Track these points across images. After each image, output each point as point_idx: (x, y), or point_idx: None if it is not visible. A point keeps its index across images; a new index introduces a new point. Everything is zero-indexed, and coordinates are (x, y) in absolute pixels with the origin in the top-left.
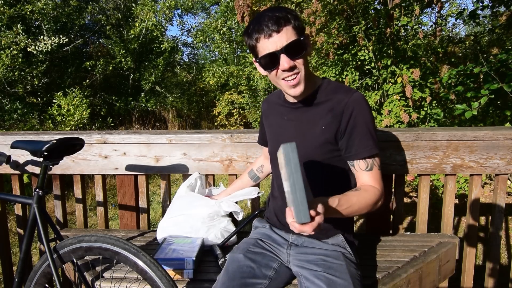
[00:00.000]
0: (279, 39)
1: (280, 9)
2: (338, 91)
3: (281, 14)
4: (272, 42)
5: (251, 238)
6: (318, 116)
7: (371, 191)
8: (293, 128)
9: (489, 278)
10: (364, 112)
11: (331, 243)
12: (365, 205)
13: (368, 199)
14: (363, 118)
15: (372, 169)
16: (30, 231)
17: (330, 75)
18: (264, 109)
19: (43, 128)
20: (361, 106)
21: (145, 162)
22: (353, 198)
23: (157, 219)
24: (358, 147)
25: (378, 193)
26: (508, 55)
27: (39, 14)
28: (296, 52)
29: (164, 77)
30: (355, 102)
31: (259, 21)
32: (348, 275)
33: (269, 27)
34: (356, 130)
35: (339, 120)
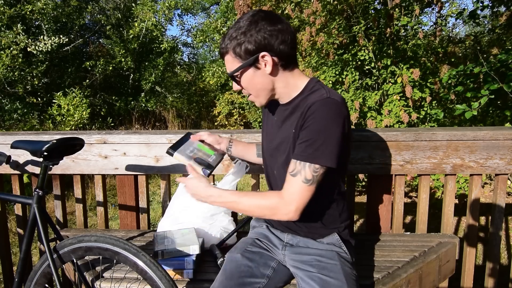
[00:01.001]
0: (225, 65)
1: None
2: (313, 94)
3: (223, 42)
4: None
5: (249, 238)
6: (293, 119)
7: (269, 198)
8: (277, 129)
9: (489, 278)
10: (322, 119)
11: (326, 242)
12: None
13: (259, 204)
14: (317, 125)
15: (295, 176)
16: (30, 231)
17: (330, 75)
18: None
19: (43, 128)
20: (322, 112)
21: (145, 162)
22: (243, 197)
23: (157, 219)
24: (297, 149)
25: (278, 202)
26: (508, 55)
27: (39, 14)
28: (236, 81)
29: (164, 77)
30: (318, 106)
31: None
32: (342, 275)
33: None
34: (304, 133)
35: (303, 120)
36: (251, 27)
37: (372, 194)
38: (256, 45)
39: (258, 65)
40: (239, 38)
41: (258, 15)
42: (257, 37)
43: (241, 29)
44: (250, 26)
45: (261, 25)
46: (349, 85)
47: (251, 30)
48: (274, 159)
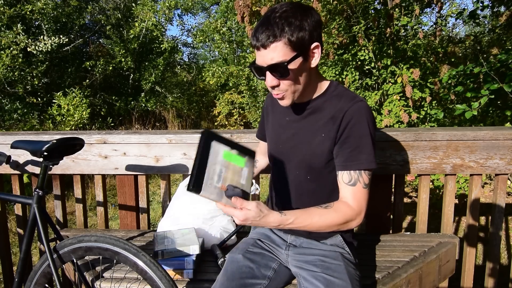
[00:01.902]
0: (265, 56)
1: (281, 16)
2: (342, 98)
3: (272, 29)
4: (260, 55)
5: (250, 238)
6: (319, 122)
7: (342, 211)
8: (293, 131)
9: (489, 278)
10: (362, 123)
11: (330, 243)
12: (329, 225)
13: (333, 220)
14: (359, 130)
15: (355, 185)
16: (30, 231)
17: (330, 75)
18: (267, 104)
19: (43, 128)
20: (360, 117)
21: (145, 162)
22: (315, 216)
23: (157, 219)
24: (346, 159)
25: (351, 213)
26: (508, 55)
27: (39, 14)
28: (280, 73)
29: (164, 77)
30: (355, 111)
31: (257, 27)
32: (346, 275)
33: (258, 40)
34: (349, 141)
35: (337, 128)
36: (304, 15)
37: (372, 194)
38: (310, 35)
39: (308, 57)
40: (294, 24)
41: (302, 4)
42: (311, 26)
43: (294, 16)
44: (302, 14)
45: (311, 13)
46: (349, 85)
47: (305, 18)
48: (286, 159)
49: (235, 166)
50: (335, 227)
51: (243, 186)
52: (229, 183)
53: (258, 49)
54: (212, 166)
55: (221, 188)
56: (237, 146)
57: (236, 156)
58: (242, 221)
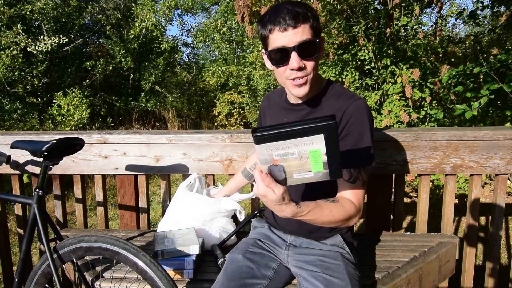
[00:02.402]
0: (294, 35)
1: (301, 4)
2: (341, 96)
3: (301, 10)
4: (286, 36)
5: (250, 238)
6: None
7: (347, 207)
8: None
9: (489, 278)
10: (361, 121)
11: (330, 243)
12: (336, 219)
13: (341, 215)
14: (359, 128)
15: (355, 182)
16: (30, 231)
17: (330, 75)
18: (264, 106)
19: (43, 128)
20: (359, 115)
21: (145, 162)
22: (325, 210)
23: (157, 219)
24: (346, 156)
25: (354, 209)
26: (508, 55)
27: (39, 14)
28: (308, 52)
29: (164, 77)
30: (354, 109)
31: (276, 12)
32: (346, 276)
33: (286, 20)
34: (348, 138)
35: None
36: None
37: (372, 194)
38: (320, 28)
39: (321, 46)
40: (313, 13)
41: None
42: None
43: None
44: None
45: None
46: (349, 85)
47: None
48: None
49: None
50: (340, 223)
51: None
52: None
53: (285, 30)
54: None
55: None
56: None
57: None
58: (261, 196)
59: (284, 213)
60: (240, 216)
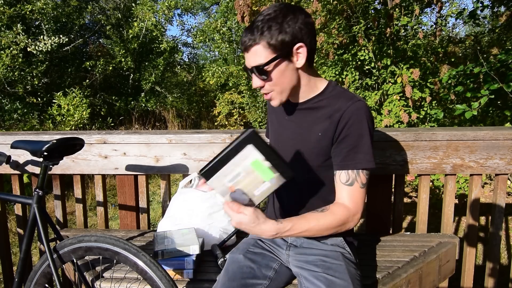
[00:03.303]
0: (248, 58)
1: (262, 21)
2: (340, 98)
3: (252, 33)
4: (245, 58)
5: (251, 239)
6: (317, 121)
7: (338, 213)
8: (292, 129)
9: (489, 278)
10: (360, 123)
11: (330, 243)
12: (327, 228)
13: (331, 223)
14: (358, 130)
15: (352, 185)
16: (30, 231)
17: (330, 75)
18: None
19: (43, 128)
20: (359, 117)
21: (145, 162)
22: (312, 221)
23: (157, 219)
24: (343, 158)
25: (347, 214)
26: (508, 55)
27: (39, 14)
28: (262, 75)
29: (164, 77)
30: (353, 111)
31: (243, 30)
32: (347, 275)
33: (242, 43)
34: (347, 141)
35: (335, 127)
36: (287, 17)
37: (372, 194)
38: (293, 36)
39: (291, 57)
40: (274, 27)
41: (289, 6)
42: (294, 28)
43: (276, 19)
44: (285, 16)
45: (296, 15)
46: (349, 85)
47: (287, 20)
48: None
49: (258, 177)
50: (333, 230)
51: (253, 197)
52: (240, 188)
53: (244, 51)
54: (232, 165)
55: (229, 188)
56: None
57: (266, 168)
58: (237, 225)
59: (267, 232)
60: None
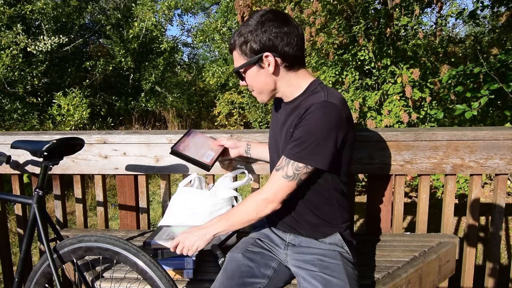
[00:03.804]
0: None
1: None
2: (313, 96)
3: (232, 39)
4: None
5: (250, 238)
6: (292, 119)
7: (249, 200)
8: (280, 126)
9: (489, 278)
10: (316, 122)
11: (329, 242)
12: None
13: (244, 211)
14: (310, 127)
15: (278, 171)
16: (30, 231)
17: (330, 75)
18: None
19: (43, 128)
20: (318, 115)
21: (145, 162)
22: (232, 218)
23: (157, 219)
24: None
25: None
26: (508, 55)
27: (39, 14)
28: (240, 77)
29: (164, 77)
30: (316, 108)
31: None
32: (344, 275)
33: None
34: (296, 132)
35: (298, 121)
36: (258, 27)
37: (372, 194)
38: (261, 45)
39: (262, 64)
40: (246, 36)
41: (266, 16)
42: (263, 38)
43: (249, 28)
44: (257, 26)
45: (268, 26)
46: (349, 85)
47: (258, 30)
48: (276, 155)
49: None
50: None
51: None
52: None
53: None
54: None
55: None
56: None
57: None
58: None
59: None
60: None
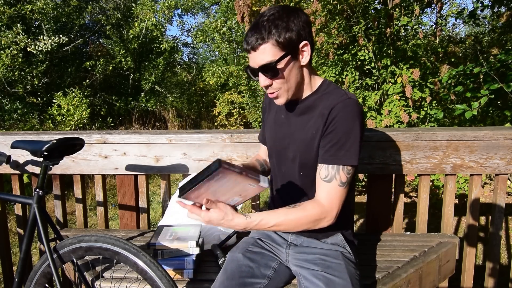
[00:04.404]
0: (256, 58)
1: (269, 19)
2: (332, 95)
3: (260, 32)
4: (251, 58)
5: (251, 238)
6: (310, 120)
7: (310, 211)
8: (288, 128)
9: (489, 278)
10: (347, 120)
11: (331, 242)
12: (296, 224)
13: (301, 219)
14: (343, 127)
15: (330, 182)
16: (30, 231)
17: (330, 75)
18: (265, 103)
19: (43, 128)
20: (346, 113)
21: (145, 162)
22: (281, 216)
23: (157, 219)
24: (325, 153)
25: (320, 212)
26: (508, 55)
27: (39, 14)
28: (271, 73)
29: (164, 77)
30: (342, 108)
31: (247, 32)
32: (346, 275)
33: (248, 43)
34: (331, 136)
35: (324, 123)
36: (290, 16)
37: (372, 194)
38: (298, 35)
39: (298, 55)
40: (281, 26)
41: (289, 7)
42: (299, 26)
43: (281, 18)
44: (289, 16)
45: (295, 15)
46: (349, 85)
47: (292, 19)
48: (282, 156)
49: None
50: (305, 226)
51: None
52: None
53: (249, 52)
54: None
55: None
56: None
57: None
58: (207, 222)
59: (237, 227)
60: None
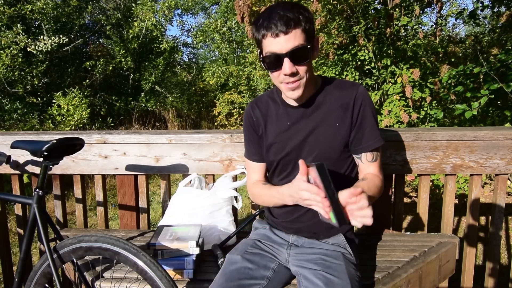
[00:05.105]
0: (286, 42)
1: (294, 7)
2: (342, 86)
3: (293, 15)
4: (277, 42)
5: (250, 239)
6: (328, 114)
7: (376, 180)
8: (302, 131)
9: (489, 278)
10: (370, 104)
11: (332, 242)
12: (375, 192)
13: (376, 188)
14: (370, 110)
15: (377, 160)
16: (30, 231)
17: (330, 75)
18: (256, 117)
19: (43, 128)
20: (368, 99)
21: (145, 162)
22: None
23: (157, 219)
24: (368, 139)
25: (380, 181)
26: (508, 55)
27: (39, 14)
28: (300, 58)
29: (164, 77)
30: (362, 94)
31: (269, 16)
32: (346, 275)
33: (277, 27)
34: (365, 122)
35: (351, 113)
36: (308, 11)
37: None
38: (314, 28)
39: (314, 48)
40: (305, 16)
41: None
42: (313, 21)
43: (304, 9)
44: (307, 10)
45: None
46: None
47: (310, 13)
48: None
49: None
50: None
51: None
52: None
53: (277, 36)
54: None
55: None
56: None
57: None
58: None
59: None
60: (238, 204)
